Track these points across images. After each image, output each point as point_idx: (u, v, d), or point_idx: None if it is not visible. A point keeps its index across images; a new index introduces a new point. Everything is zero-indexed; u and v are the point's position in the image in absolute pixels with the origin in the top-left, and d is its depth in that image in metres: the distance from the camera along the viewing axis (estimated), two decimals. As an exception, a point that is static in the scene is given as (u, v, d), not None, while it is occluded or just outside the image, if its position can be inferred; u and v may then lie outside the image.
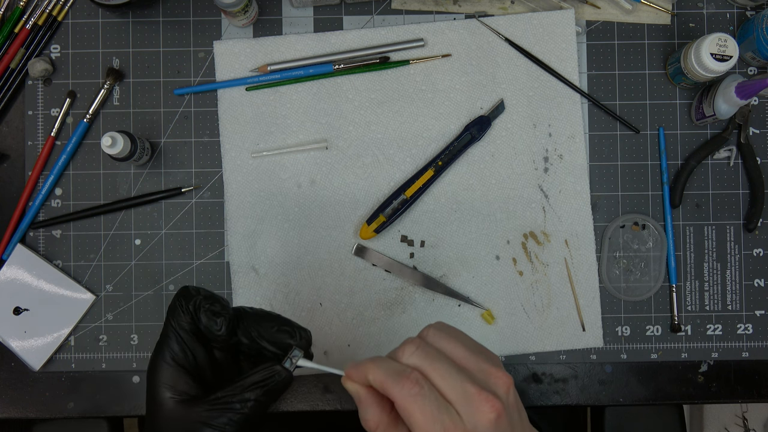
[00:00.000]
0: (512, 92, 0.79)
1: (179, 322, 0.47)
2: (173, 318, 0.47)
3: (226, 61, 0.79)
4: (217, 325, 0.47)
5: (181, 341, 0.47)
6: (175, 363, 0.47)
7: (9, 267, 0.77)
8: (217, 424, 0.45)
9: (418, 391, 0.39)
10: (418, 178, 0.77)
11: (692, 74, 0.74)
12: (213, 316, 0.47)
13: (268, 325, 0.48)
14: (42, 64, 0.77)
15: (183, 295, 0.48)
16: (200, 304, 0.47)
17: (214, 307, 0.47)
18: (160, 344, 0.48)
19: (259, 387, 0.45)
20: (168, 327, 0.48)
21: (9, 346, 0.77)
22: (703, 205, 0.80)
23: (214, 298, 0.48)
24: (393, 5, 0.80)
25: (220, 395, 0.45)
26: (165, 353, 0.47)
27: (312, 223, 0.78)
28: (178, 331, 0.47)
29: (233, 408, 0.45)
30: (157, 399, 0.46)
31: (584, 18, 0.80)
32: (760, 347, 0.79)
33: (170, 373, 0.46)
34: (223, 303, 0.48)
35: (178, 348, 0.47)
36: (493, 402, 0.39)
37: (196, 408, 0.45)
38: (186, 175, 0.79)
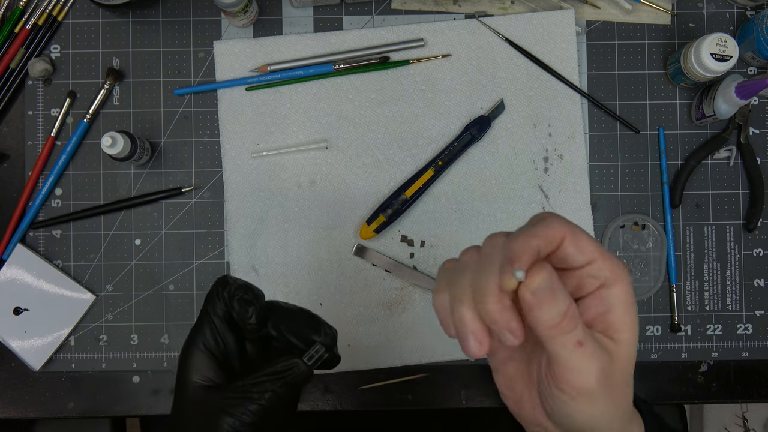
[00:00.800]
0: (512, 92, 0.79)
1: (214, 310, 0.48)
2: (209, 305, 0.48)
3: (226, 61, 0.79)
4: (248, 313, 0.47)
5: (215, 329, 0.48)
6: (206, 349, 0.48)
7: (9, 267, 0.77)
8: (235, 412, 0.45)
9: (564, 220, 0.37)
10: (418, 178, 0.77)
11: (692, 74, 0.74)
12: (245, 304, 0.47)
13: (297, 320, 0.49)
14: (42, 64, 0.77)
15: (220, 284, 0.48)
16: (235, 291, 0.48)
17: (247, 296, 0.48)
18: (194, 330, 0.48)
19: (277, 378, 0.46)
20: (204, 314, 0.48)
21: (9, 346, 0.77)
22: (703, 205, 0.80)
23: (248, 287, 0.48)
24: (393, 5, 0.80)
25: (240, 384, 0.46)
26: (198, 339, 0.48)
27: (312, 223, 0.78)
28: (212, 318, 0.48)
29: (251, 397, 0.45)
30: (184, 382, 0.47)
31: (584, 18, 0.80)
32: (760, 347, 0.79)
33: (200, 358, 0.47)
34: (256, 293, 0.48)
35: (210, 335, 0.48)
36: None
37: (218, 394, 0.46)
38: (186, 175, 0.79)
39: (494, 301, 0.33)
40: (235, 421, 0.45)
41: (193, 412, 0.47)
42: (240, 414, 0.45)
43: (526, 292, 0.33)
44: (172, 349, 0.78)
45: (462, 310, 0.35)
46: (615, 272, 0.35)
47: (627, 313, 0.36)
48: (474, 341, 0.35)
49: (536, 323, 0.33)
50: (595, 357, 0.34)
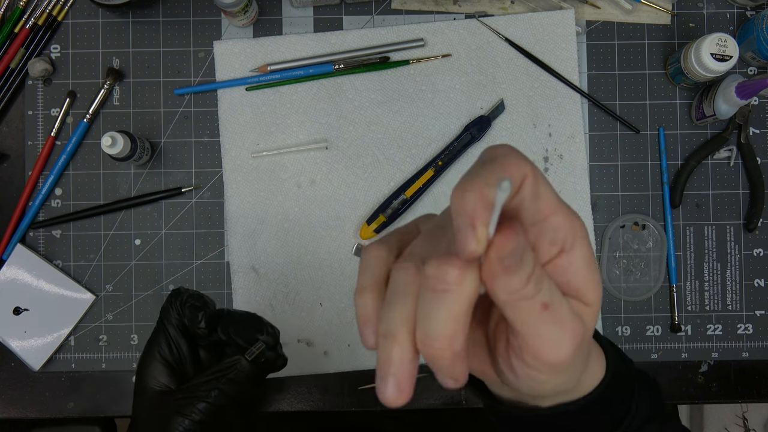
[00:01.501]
0: (512, 92, 0.79)
1: (168, 319, 0.53)
2: (164, 315, 0.53)
3: (226, 61, 0.79)
4: (198, 318, 0.52)
5: (169, 337, 0.53)
6: (162, 357, 0.52)
7: (9, 267, 0.77)
8: (186, 411, 0.49)
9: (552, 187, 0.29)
10: (418, 178, 0.77)
11: (692, 74, 0.74)
12: (195, 311, 0.52)
13: (243, 323, 0.54)
14: (42, 64, 0.77)
15: (174, 295, 0.54)
16: (186, 299, 0.53)
17: (197, 303, 0.53)
18: (150, 340, 0.54)
19: (222, 375, 0.50)
20: (159, 324, 0.53)
21: (9, 346, 0.77)
22: (703, 205, 0.80)
23: (199, 296, 0.53)
24: (393, 5, 0.80)
25: (189, 385, 0.51)
26: (153, 348, 0.53)
27: (312, 223, 0.78)
28: (166, 327, 0.53)
29: (199, 396, 0.49)
30: (141, 389, 0.52)
31: (584, 18, 0.80)
32: (760, 347, 0.79)
33: (155, 366, 0.52)
34: (206, 300, 0.54)
35: (165, 344, 0.53)
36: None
37: (170, 396, 0.51)
38: (186, 175, 0.79)
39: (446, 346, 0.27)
40: (185, 419, 0.49)
41: (149, 414, 0.51)
42: (190, 413, 0.49)
43: (494, 260, 0.26)
44: (172, 349, 0.78)
45: (393, 348, 0.28)
46: (574, 231, 0.29)
47: (591, 274, 0.30)
48: (394, 388, 0.28)
49: (496, 292, 0.27)
50: (567, 324, 0.28)
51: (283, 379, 0.78)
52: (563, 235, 0.29)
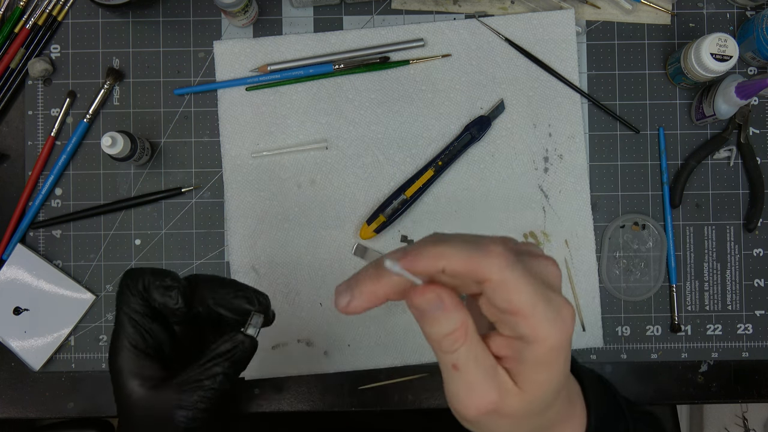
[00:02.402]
0: (512, 92, 0.79)
1: (130, 305, 0.45)
2: (124, 303, 0.45)
3: (226, 61, 0.79)
4: (173, 299, 0.44)
5: (137, 325, 0.45)
6: (135, 349, 0.45)
7: (9, 267, 0.77)
8: (190, 404, 0.43)
9: (515, 258, 0.32)
10: (418, 178, 0.77)
11: (692, 74, 0.74)
12: (166, 291, 0.45)
13: (224, 291, 0.46)
14: (42, 64, 0.77)
15: (129, 278, 0.45)
16: (149, 282, 0.45)
17: (164, 282, 0.45)
18: (116, 333, 0.45)
19: (226, 359, 0.44)
20: (120, 314, 0.45)
21: (9, 346, 0.77)
22: (703, 205, 0.80)
23: (161, 272, 0.45)
24: (393, 5, 0.80)
25: (188, 375, 0.44)
26: (123, 341, 0.45)
27: (312, 223, 0.78)
28: (132, 316, 0.45)
29: (203, 386, 0.43)
30: (124, 390, 0.44)
31: (584, 18, 0.80)
32: (760, 347, 0.79)
33: (132, 360, 0.44)
34: (172, 275, 0.46)
35: (134, 333, 0.45)
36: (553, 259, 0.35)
37: (165, 391, 0.44)
38: (186, 175, 0.79)
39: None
40: (192, 412, 0.43)
41: (143, 417, 0.44)
42: (195, 403, 0.43)
43: (410, 304, 0.32)
44: (172, 349, 0.78)
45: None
46: (538, 334, 0.32)
47: (537, 373, 0.32)
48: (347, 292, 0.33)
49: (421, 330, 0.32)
50: (476, 390, 0.32)
51: (283, 379, 0.78)
52: (525, 331, 0.32)
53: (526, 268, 0.32)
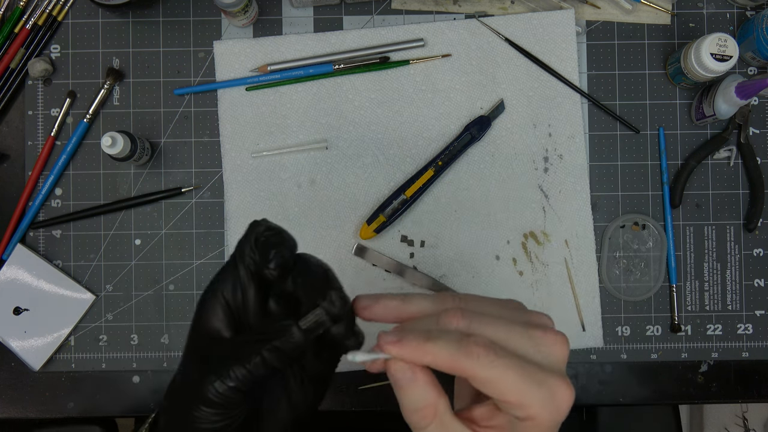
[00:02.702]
0: (512, 92, 0.79)
1: (241, 257, 0.42)
2: (238, 253, 0.42)
3: (226, 61, 0.79)
4: (269, 257, 0.41)
5: (236, 279, 0.42)
6: (223, 299, 0.42)
7: (9, 267, 0.77)
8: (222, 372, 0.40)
9: (495, 355, 0.34)
10: (418, 178, 0.77)
11: (692, 74, 0.74)
12: (268, 247, 0.41)
13: (313, 279, 0.41)
14: (42, 64, 0.77)
15: (251, 226, 0.42)
16: (262, 233, 0.41)
17: (273, 239, 0.41)
18: (216, 277, 0.43)
19: (266, 339, 0.39)
20: (230, 261, 0.43)
21: (9, 346, 0.77)
22: (703, 205, 0.80)
23: (279, 230, 0.42)
24: (393, 5, 0.80)
25: (231, 342, 0.41)
26: (217, 285, 0.42)
27: (312, 223, 0.78)
28: (237, 266, 0.42)
29: (237, 357, 0.40)
30: (194, 328, 0.43)
31: (584, 18, 0.80)
32: (760, 347, 0.79)
33: (213, 307, 0.42)
34: (285, 237, 0.41)
35: (230, 285, 0.42)
36: (561, 335, 0.37)
37: (214, 349, 0.41)
38: (186, 175, 0.79)
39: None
40: (220, 383, 0.39)
41: (191, 360, 0.42)
42: (225, 376, 0.39)
43: (387, 370, 0.36)
44: (172, 349, 0.78)
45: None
46: (528, 414, 0.35)
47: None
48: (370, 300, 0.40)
49: None
50: None
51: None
52: (518, 413, 0.35)
53: (511, 360, 0.34)
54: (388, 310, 0.39)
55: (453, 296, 0.39)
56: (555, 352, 0.36)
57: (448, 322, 0.36)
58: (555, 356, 0.36)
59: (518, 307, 0.39)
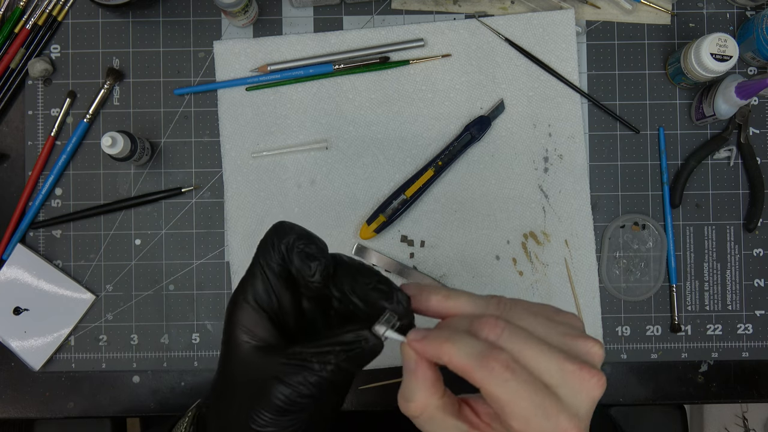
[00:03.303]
0: (512, 92, 0.79)
1: (268, 261, 0.40)
2: (262, 256, 0.41)
3: (226, 61, 0.79)
4: (311, 269, 0.39)
5: (267, 282, 0.41)
6: (258, 305, 0.41)
7: (9, 267, 0.77)
8: (292, 381, 0.38)
9: (511, 375, 0.33)
10: (418, 178, 0.77)
11: (692, 74, 0.74)
12: (307, 259, 0.39)
13: (364, 280, 0.40)
14: (42, 64, 0.77)
15: (276, 231, 0.41)
16: (294, 243, 0.40)
17: (309, 249, 0.40)
18: (243, 282, 0.42)
19: (343, 350, 0.39)
20: (255, 265, 0.41)
21: (9, 346, 0.77)
22: (703, 205, 0.80)
23: (310, 237, 0.40)
24: (393, 5, 0.80)
25: (299, 350, 0.39)
26: (248, 293, 0.41)
27: (312, 223, 0.78)
28: (265, 270, 0.41)
29: (311, 368, 0.38)
30: (232, 341, 0.41)
31: (584, 18, 0.80)
32: (760, 347, 0.79)
33: (250, 315, 0.41)
34: (319, 245, 0.40)
35: (262, 289, 0.41)
36: (597, 376, 0.34)
37: (272, 358, 0.40)
38: (186, 175, 0.79)
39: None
40: (291, 391, 0.38)
41: (242, 374, 0.41)
42: (297, 384, 0.38)
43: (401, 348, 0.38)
44: (172, 349, 0.78)
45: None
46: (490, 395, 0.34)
47: None
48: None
49: None
50: None
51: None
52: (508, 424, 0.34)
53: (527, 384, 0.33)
54: (430, 301, 0.38)
55: (498, 301, 0.37)
56: (583, 391, 0.34)
57: (479, 328, 0.35)
58: (581, 396, 0.34)
59: (572, 325, 0.37)
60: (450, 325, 0.37)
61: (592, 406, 0.35)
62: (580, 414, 0.34)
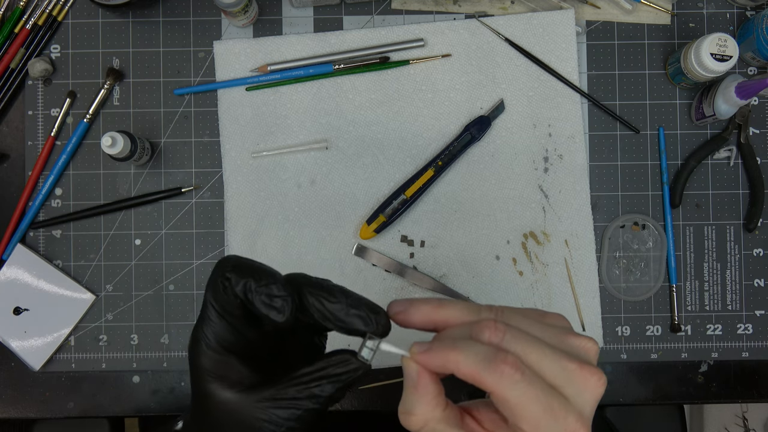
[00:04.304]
0: (512, 92, 0.79)
1: (223, 305, 0.37)
2: (216, 299, 0.38)
3: (226, 61, 0.79)
4: (279, 312, 0.36)
5: (226, 323, 0.38)
6: (222, 348, 0.38)
7: (9, 267, 0.77)
8: (281, 420, 0.37)
9: (521, 377, 0.33)
10: (418, 178, 0.77)
11: (692, 74, 0.74)
12: (271, 304, 0.36)
13: (335, 306, 0.38)
14: (42, 64, 0.77)
15: (225, 274, 0.37)
16: (252, 288, 0.37)
17: (269, 290, 0.36)
18: (200, 325, 0.38)
19: (331, 382, 0.38)
20: (208, 308, 0.38)
21: (9, 346, 0.77)
22: (703, 205, 0.80)
23: (265, 275, 0.37)
24: (393, 5, 0.80)
25: (285, 389, 0.38)
26: (209, 337, 0.38)
27: (312, 223, 0.78)
28: (222, 314, 0.38)
29: (300, 405, 0.37)
30: (203, 392, 0.38)
31: (584, 18, 0.80)
32: (760, 347, 0.79)
33: (217, 360, 0.38)
34: (278, 282, 0.37)
35: (223, 330, 0.38)
36: (598, 374, 0.35)
37: (255, 398, 0.38)
38: (186, 175, 0.79)
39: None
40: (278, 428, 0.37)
41: (227, 424, 0.38)
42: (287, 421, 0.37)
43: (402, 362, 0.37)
44: (172, 349, 0.78)
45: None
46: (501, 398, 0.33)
47: None
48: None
49: None
50: None
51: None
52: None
53: (536, 386, 0.33)
54: (422, 314, 0.38)
55: (490, 307, 0.37)
56: (587, 391, 0.34)
57: (480, 332, 0.34)
58: (585, 396, 0.34)
59: (562, 326, 0.37)
60: (450, 334, 0.36)
61: (596, 405, 0.35)
62: (586, 412, 0.34)
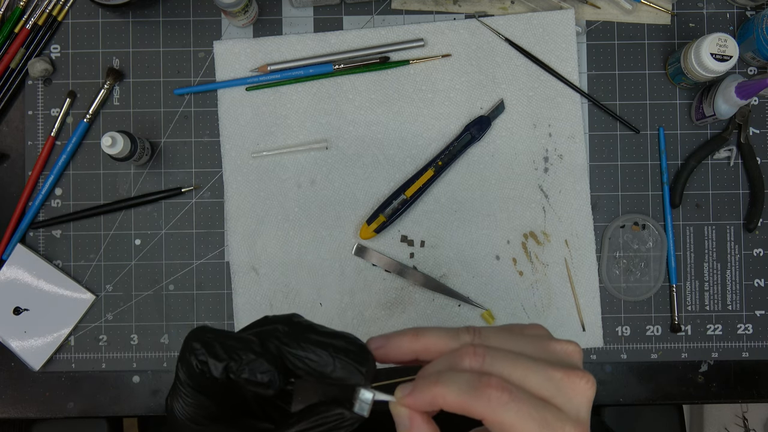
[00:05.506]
0: (512, 92, 0.79)
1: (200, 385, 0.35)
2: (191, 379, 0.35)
3: (226, 61, 0.79)
4: (268, 386, 0.35)
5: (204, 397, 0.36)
6: (203, 418, 0.37)
7: (9, 267, 0.77)
8: None
9: (509, 397, 0.32)
10: (418, 178, 0.77)
11: (692, 74, 0.74)
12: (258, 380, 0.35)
13: (317, 361, 0.36)
14: (42, 64, 0.77)
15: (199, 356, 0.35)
16: (234, 369, 0.35)
17: (252, 367, 0.34)
18: (174, 397, 0.36)
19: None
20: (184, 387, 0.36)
21: (9, 346, 0.77)
22: (703, 205, 0.80)
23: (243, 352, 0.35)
24: (393, 5, 0.80)
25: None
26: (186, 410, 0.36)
27: (312, 223, 0.78)
28: (200, 392, 0.36)
29: None
30: None
31: (584, 18, 0.80)
32: (760, 347, 0.79)
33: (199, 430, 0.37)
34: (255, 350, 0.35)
35: (201, 403, 0.36)
36: (586, 376, 0.34)
37: None
38: (186, 175, 0.79)
39: None
40: None
41: None
42: None
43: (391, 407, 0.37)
44: (172, 349, 0.78)
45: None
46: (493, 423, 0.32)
47: None
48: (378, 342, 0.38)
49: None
50: None
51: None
52: None
53: (527, 403, 0.32)
54: (401, 346, 0.36)
55: (468, 330, 0.36)
56: (577, 396, 0.34)
57: (460, 360, 0.34)
58: (577, 401, 0.34)
59: (542, 335, 0.37)
60: (431, 369, 0.35)
61: (590, 406, 0.35)
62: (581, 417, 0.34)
